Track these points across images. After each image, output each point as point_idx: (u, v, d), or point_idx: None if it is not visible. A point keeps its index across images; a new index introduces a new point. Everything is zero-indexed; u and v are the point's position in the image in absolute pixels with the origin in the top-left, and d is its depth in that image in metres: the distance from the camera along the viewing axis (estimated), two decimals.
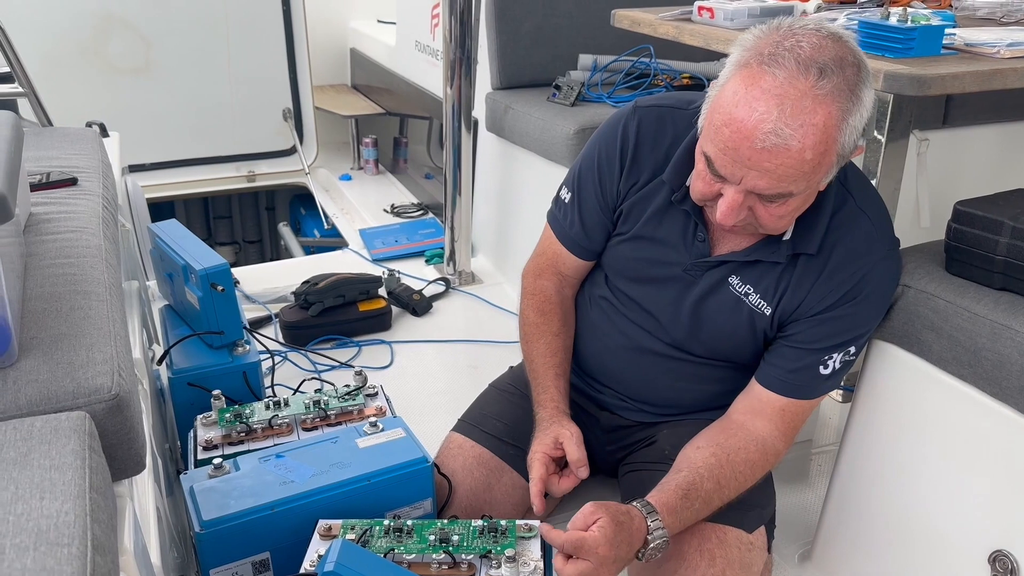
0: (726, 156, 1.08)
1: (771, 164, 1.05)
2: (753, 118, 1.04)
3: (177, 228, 1.77)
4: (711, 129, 1.10)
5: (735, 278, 1.28)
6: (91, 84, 3.33)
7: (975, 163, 2.62)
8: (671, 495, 1.17)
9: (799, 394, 1.27)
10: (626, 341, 1.39)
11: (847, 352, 1.25)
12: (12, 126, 1.15)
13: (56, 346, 0.95)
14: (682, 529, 1.19)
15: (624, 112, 1.35)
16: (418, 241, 2.95)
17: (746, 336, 1.30)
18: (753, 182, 1.08)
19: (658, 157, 1.31)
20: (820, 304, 1.23)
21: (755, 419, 1.28)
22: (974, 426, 1.23)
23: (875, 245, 1.22)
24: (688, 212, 1.28)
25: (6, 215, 0.86)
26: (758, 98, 1.04)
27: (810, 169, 1.07)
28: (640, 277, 1.35)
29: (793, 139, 1.03)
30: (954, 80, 1.36)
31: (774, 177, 1.07)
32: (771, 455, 1.27)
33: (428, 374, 2.16)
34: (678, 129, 1.29)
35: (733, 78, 1.09)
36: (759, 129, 1.04)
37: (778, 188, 1.08)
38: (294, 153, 3.75)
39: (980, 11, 1.89)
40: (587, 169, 1.38)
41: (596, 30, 2.58)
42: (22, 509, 0.70)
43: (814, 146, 1.04)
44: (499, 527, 1.14)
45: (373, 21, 4.14)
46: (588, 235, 1.39)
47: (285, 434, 1.41)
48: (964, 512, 1.27)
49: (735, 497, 1.24)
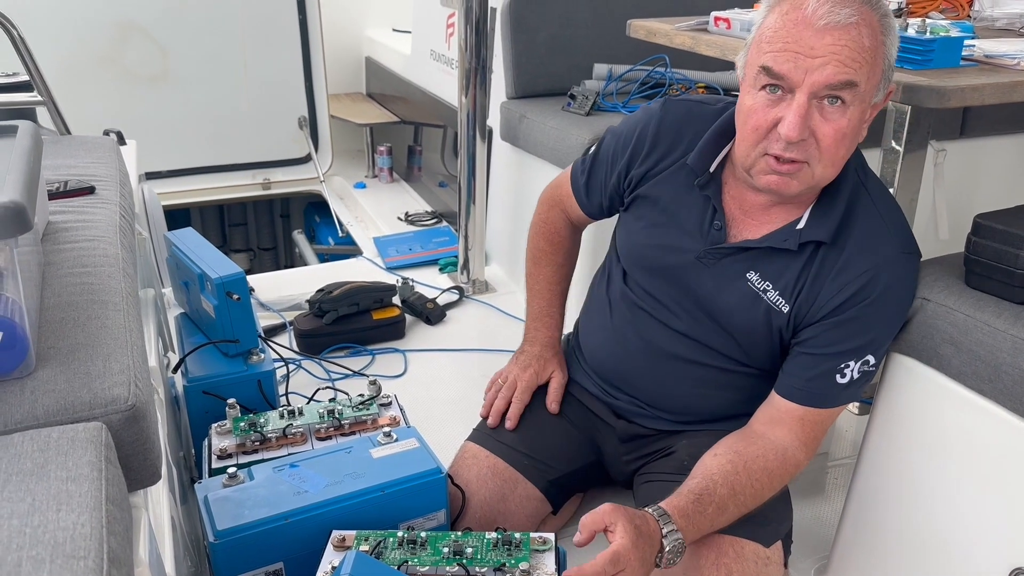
0: (788, 51, 1.11)
1: (835, 44, 1.09)
2: (809, 8, 1.10)
3: (193, 236, 1.77)
4: (764, 46, 1.14)
5: (754, 274, 1.28)
6: (108, 92, 3.35)
7: (992, 174, 2.61)
8: (683, 499, 1.17)
9: (817, 403, 1.26)
10: (645, 344, 1.39)
11: (865, 362, 1.24)
12: (32, 136, 1.16)
13: (73, 356, 0.96)
14: (698, 536, 1.18)
15: (655, 104, 1.40)
16: (432, 249, 2.95)
17: (763, 334, 1.29)
18: (818, 75, 1.10)
19: (681, 145, 1.34)
20: (833, 302, 1.23)
21: (775, 428, 1.28)
22: (994, 441, 1.22)
23: (887, 242, 1.23)
24: (708, 197, 1.30)
25: (25, 226, 0.87)
26: (806, 2, 1.10)
27: (870, 58, 1.11)
28: (656, 266, 1.36)
29: (851, 18, 1.09)
30: (974, 92, 1.35)
31: (840, 60, 1.09)
32: (791, 464, 1.26)
33: (441, 383, 2.15)
34: (704, 121, 1.33)
35: (774, 8, 1.14)
36: (817, 13, 1.09)
37: (845, 74, 1.10)
38: (309, 161, 3.76)
39: (999, 22, 1.88)
40: (608, 144, 1.46)
41: (611, 40, 2.57)
42: (39, 521, 0.70)
43: (869, 35, 1.10)
44: (513, 540, 1.14)
45: (388, 30, 4.16)
46: (588, 195, 1.51)
47: (299, 443, 1.42)
48: (984, 528, 1.25)
49: (754, 505, 1.23)
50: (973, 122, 2.49)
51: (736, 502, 1.21)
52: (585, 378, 1.50)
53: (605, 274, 1.50)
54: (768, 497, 1.25)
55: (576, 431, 1.47)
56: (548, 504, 1.41)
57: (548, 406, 1.48)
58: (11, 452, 0.80)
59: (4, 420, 0.87)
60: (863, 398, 2.06)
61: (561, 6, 2.57)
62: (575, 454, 1.46)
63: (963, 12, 1.97)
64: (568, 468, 1.43)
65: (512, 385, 1.50)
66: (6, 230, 0.86)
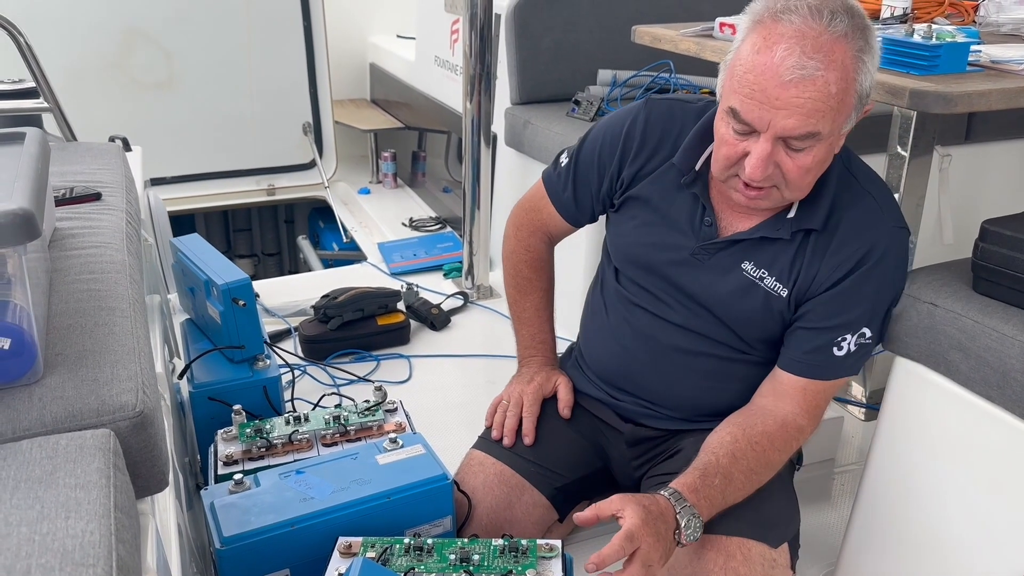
0: (753, 100, 1.12)
1: (799, 99, 1.09)
2: (776, 57, 1.09)
3: (199, 243, 1.78)
4: (734, 82, 1.14)
5: (748, 263, 1.30)
6: (114, 98, 3.36)
7: (998, 179, 2.60)
8: (688, 476, 1.19)
9: (817, 374, 1.28)
10: (644, 339, 1.39)
11: (861, 335, 1.26)
12: (40, 143, 1.16)
13: (81, 363, 0.96)
14: (713, 511, 1.19)
15: (636, 105, 1.40)
16: (436, 255, 2.95)
17: (762, 319, 1.31)
18: (782, 123, 1.11)
19: (667, 145, 1.35)
20: (830, 279, 1.25)
21: (777, 401, 1.30)
22: (1003, 448, 1.21)
23: (881, 219, 1.26)
24: (696, 195, 1.32)
25: (34, 233, 0.87)
26: (777, 42, 1.10)
27: (836, 104, 1.11)
28: (649, 264, 1.37)
29: (817, 70, 1.08)
30: (980, 98, 1.35)
31: (802, 113, 1.10)
32: (792, 428, 1.28)
33: (446, 388, 2.15)
34: (687, 119, 1.34)
35: (749, 36, 1.14)
36: (783, 65, 1.09)
37: (807, 126, 1.11)
38: (314, 167, 3.76)
39: (1004, 27, 1.88)
40: (589, 150, 1.43)
41: (615, 46, 2.58)
42: (47, 528, 0.70)
43: (837, 80, 1.09)
44: (520, 546, 1.14)
45: (393, 36, 4.16)
46: (578, 206, 1.48)
47: (305, 449, 1.42)
48: (992, 535, 1.25)
49: (762, 473, 1.25)
50: (978, 127, 2.49)
51: (741, 468, 1.22)
52: (589, 385, 1.50)
53: (599, 279, 1.51)
54: (776, 461, 1.26)
55: (582, 438, 1.47)
56: (554, 511, 1.41)
57: (560, 412, 1.47)
58: (20, 459, 0.80)
59: (13, 427, 0.87)
60: (870, 404, 2.06)
61: (565, 12, 2.58)
62: (582, 461, 1.45)
63: (968, 17, 1.97)
64: (575, 475, 1.43)
65: (518, 401, 1.47)
66: (15, 237, 0.86)
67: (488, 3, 2.32)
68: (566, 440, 1.46)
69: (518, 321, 1.60)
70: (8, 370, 0.90)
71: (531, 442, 1.43)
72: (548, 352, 1.57)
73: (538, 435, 1.44)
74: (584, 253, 2.20)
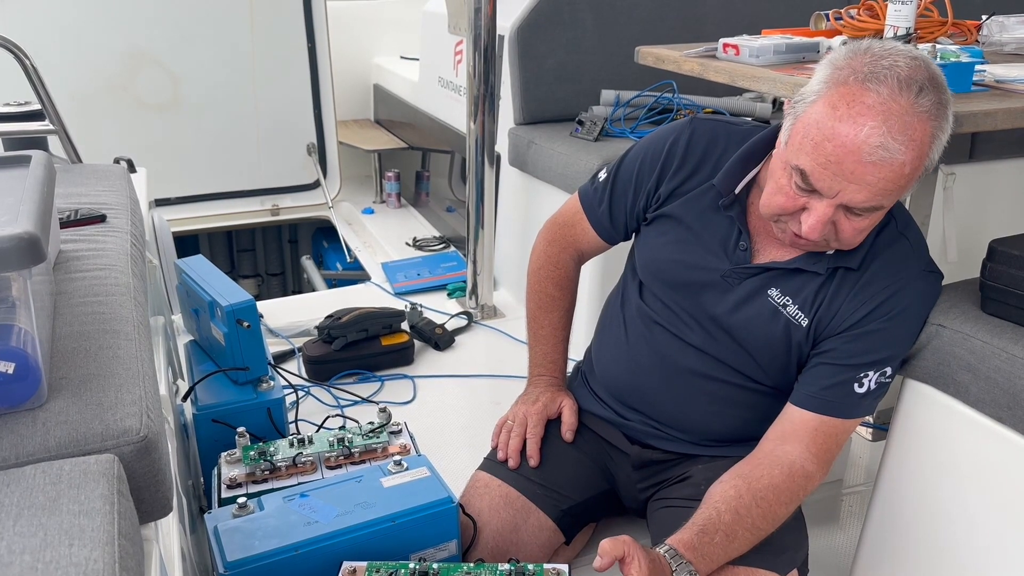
0: (827, 170, 1.10)
1: (874, 178, 1.08)
2: (862, 133, 1.06)
3: (204, 264, 1.77)
4: (808, 144, 1.11)
5: (775, 290, 1.29)
6: (119, 120, 3.37)
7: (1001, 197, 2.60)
8: (687, 532, 1.16)
9: (832, 411, 1.25)
10: (660, 359, 1.38)
11: (883, 373, 1.24)
12: (45, 166, 1.16)
13: (85, 386, 0.95)
14: (714, 566, 1.16)
15: (681, 123, 1.40)
16: (440, 275, 2.95)
17: (781, 349, 1.29)
18: (850, 196, 1.10)
19: (708, 165, 1.34)
20: (855, 315, 1.24)
21: (784, 444, 1.26)
22: (1014, 469, 1.20)
23: (912, 262, 1.25)
24: (732, 219, 1.30)
25: (39, 257, 0.87)
26: (863, 113, 1.06)
27: (905, 183, 1.10)
28: (677, 281, 1.36)
29: (899, 153, 1.06)
30: (986, 117, 1.35)
31: (873, 191, 1.09)
32: (799, 476, 1.23)
33: (451, 409, 2.14)
34: (731, 142, 1.33)
35: (829, 94, 1.10)
36: (867, 143, 1.06)
37: (873, 201, 1.10)
38: (318, 187, 3.77)
39: (1008, 47, 1.88)
40: (629, 166, 1.43)
41: (618, 66, 2.59)
42: (51, 556, 0.69)
43: (912, 160, 1.08)
44: (527, 571, 1.12)
45: (396, 57, 4.19)
46: (612, 221, 1.47)
47: (309, 472, 1.41)
48: (1003, 559, 1.23)
49: (768, 526, 1.21)
50: (982, 145, 2.49)
51: (745, 525, 1.19)
52: (596, 404, 1.49)
53: (620, 293, 1.50)
54: (782, 515, 1.23)
55: (588, 459, 1.46)
56: (561, 534, 1.39)
57: (563, 435, 1.46)
58: (23, 486, 0.80)
59: (16, 452, 0.86)
60: (878, 424, 2.05)
61: (568, 33, 2.59)
62: (588, 483, 1.44)
63: (971, 37, 1.97)
64: (581, 497, 1.42)
65: (523, 422, 1.46)
66: (21, 261, 0.86)
67: (492, 24, 2.33)
68: (572, 461, 1.45)
69: (534, 338, 1.59)
70: (12, 394, 0.90)
71: (536, 464, 1.42)
72: (557, 372, 1.56)
73: (544, 456, 1.43)
74: (589, 276, 2.20)
